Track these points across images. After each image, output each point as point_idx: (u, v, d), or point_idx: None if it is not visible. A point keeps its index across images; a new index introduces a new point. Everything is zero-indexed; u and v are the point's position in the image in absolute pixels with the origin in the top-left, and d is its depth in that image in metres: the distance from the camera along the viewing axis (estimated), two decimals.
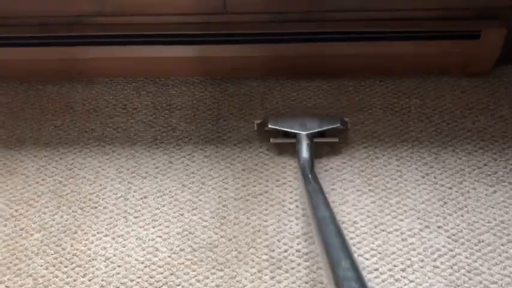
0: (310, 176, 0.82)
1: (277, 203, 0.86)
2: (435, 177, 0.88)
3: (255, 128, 0.94)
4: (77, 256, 0.81)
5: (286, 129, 0.92)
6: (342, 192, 0.87)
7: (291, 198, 0.87)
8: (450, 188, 0.87)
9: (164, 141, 0.95)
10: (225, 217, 0.85)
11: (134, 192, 0.88)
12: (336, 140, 0.92)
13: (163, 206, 0.86)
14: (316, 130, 0.91)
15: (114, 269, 0.79)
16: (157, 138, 0.96)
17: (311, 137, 0.90)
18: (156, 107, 1.01)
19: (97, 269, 0.79)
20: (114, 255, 0.81)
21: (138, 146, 0.95)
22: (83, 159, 0.93)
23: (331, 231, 0.67)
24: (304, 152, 0.88)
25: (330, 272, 0.59)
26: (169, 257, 0.80)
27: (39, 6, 0.94)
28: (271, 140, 0.92)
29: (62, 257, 0.81)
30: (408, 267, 0.78)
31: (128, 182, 0.90)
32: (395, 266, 0.78)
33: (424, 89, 1.01)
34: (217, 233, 0.83)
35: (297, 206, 0.85)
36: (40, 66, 1.02)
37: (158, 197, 0.88)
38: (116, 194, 0.88)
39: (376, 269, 0.78)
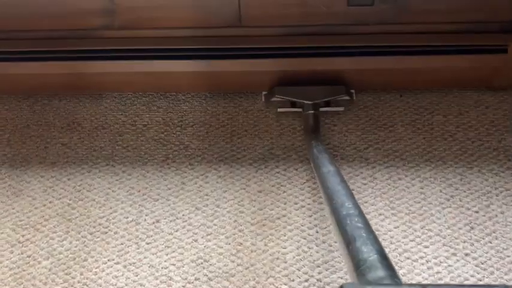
0: (316, 141, 0.85)
1: (295, 228, 0.82)
2: (460, 200, 0.84)
3: (263, 99, 0.96)
4: (87, 285, 0.77)
5: (292, 99, 0.94)
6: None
7: (310, 223, 0.83)
8: (477, 212, 0.83)
9: (176, 161, 0.92)
10: (241, 243, 0.81)
11: (146, 215, 0.85)
12: (341, 109, 0.95)
13: (177, 231, 0.83)
14: (322, 100, 0.93)
15: None
16: (169, 157, 0.92)
17: (317, 106, 0.92)
18: (167, 124, 0.97)
19: None
20: (126, 285, 0.77)
21: (149, 165, 0.91)
22: (92, 180, 0.89)
23: (335, 181, 0.71)
24: (310, 121, 0.91)
25: (335, 213, 0.63)
26: (183, 286, 0.77)
27: (46, 20, 0.90)
28: (278, 109, 0.95)
29: (72, 286, 0.77)
30: None
31: (139, 205, 0.86)
32: None
33: (446, 105, 0.97)
34: (233, 261, 0.79)
35: (317, 232, 0.81)
36: (46, 80, 0.98)
37: (171, 221, 0.84)
38: (127, 217, 0.84)
39: None
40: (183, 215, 0.85)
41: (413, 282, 0.75)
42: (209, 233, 0.82)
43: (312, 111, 0.91)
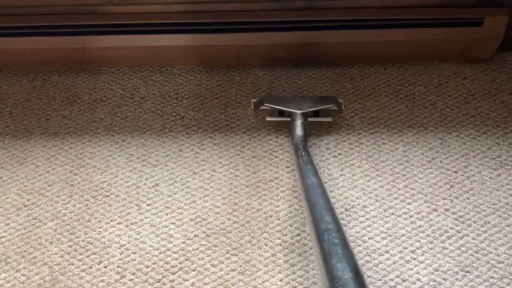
0: (302, 151, 0.85)
1: (287, 189, 0.87)
2: (441, 162, 0.90)
3: (252, 107, 0.97)
4: (92, 244, 0.81)
5: (281, 108, 0.94)
6: (351, 177, 0.89)
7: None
8: (456, 172, 0.89)
9: (173, 130, 0.96)
10: (237, 203, 0.86)
11: (146, 180, 0.89)
12: (330, 119, 0.95)
13: (176, 194, 0.87)
14: (311, 109, 0.93)
15: (129, 255, 0.80)
16: (166, 126, 0.97)
17: (305, 116, 0.92)
18: (164, 96, 1.01)
19: (112, 256, 0.80)
20: (129, 242, 0.81)
21: (148, 134, 0.96)
22: (93, 149, 0.93)
23: (317, 193, 0.71)
24: (298, 130, 0.90)
25: (314, 227, 0.64)
26: (183, 243, 0.81)
27: None
28: (267, 118, 0.95)
29: (77, 244, 0.81)
30: (418, 248, 0.80)
31: (139, 171, 0.90)
32: (405, 248, 0.80)
33: (427, 76, 1.03)
34: (229, 219, 0.84)
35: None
36: (47, 55, 1.02)
37: (170, 184, 0.88)
38: (128, 182, 0.89)
39: (387, 251, 0.80)
40: (181, 178, 0.89)
41: (397, 235, 0.81)
42: (206, 195, 0.87)
43: (300, 121, 0.91)
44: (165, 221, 0.84)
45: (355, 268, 0.56)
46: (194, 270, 0.78)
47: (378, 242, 0.81)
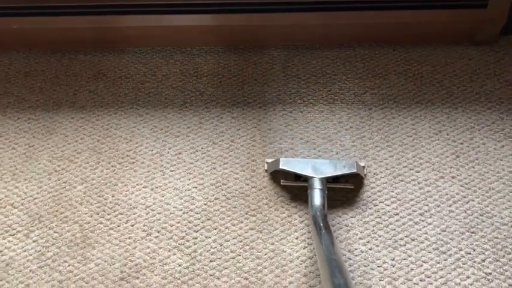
0: (322, 224, 0.77)
1: (302, 158, 0.93)
2: (447, 134, 0.95)
3: (265, 167, 0.90)
4: (119, 205, 0.87)
5: (298, 172, 0.85)
6: (362, 148, 0.94)
7: (314, 154, 0.93)
8: (462, 144, 0.94)
9: (194, 104, 1.02)
10: (254, 170, 0.91)
11: (169, 149, 0.95)
12: (351, 186, 0.86)
13: (197, 161, 0.93)
14: (330, 175, 0.84)
15: (155, 215, 0.85)
16: (187, 101, 1.02)
17: (324, 182, 0.83)
18: (184, 74, 1.07)
19: (139, 216, 0.85)
20: (154, 204, 0.87)
21: (170, 108, 1.01)
22: (118, 120, 0.99)
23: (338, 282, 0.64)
24: (316, 199, 0.81)
25: None
26: (205, 204, 0.87)
27: None
28: (282, 182, 0.87)
29: (105, 206, 0.87)
30: (426, 212, 0.85)
31: (163, 140, 0.96)
32: (414, 211, 0.85)
33: (434, 57, 1.08)
34: (248, 184, 0.89)
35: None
36: (73, 34, 1.08)
37: (191, 153, 0.94)
38: (152, 150, 0.94)
39: (397, 214, 0.85)
40: (202, 148, 0.95)
41: (406, 199, 0.86)
42: (226, 163, 0.92)
43: (319, 188, 0.82)
44: (188, 185, 0.89)
45: None
46: (215, 229, 0.83)
47: (388, 205, 0.86)
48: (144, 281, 0.78)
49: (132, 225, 0.84)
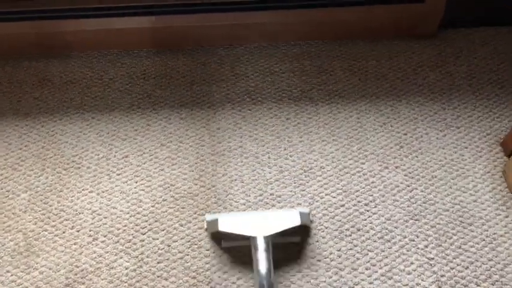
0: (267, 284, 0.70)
1: (250, 155, 0.93)
2: (392, 126, 0.98)
3: (205, 226, 0.80)
4: (64, 211, 0.85)
5: (239, 233, 0.76)
6: (309, 143, 0.95)
7: (263, 151, 0.94)
8: (405, 134, 0.96)
9: (141, 107, 1.01)
10: (203, 170, 0.91)
11: (115, 152, 0.93)
12: (297, 239, 0.79)
13: (144, 164, 0.92)
14: (275, 231, 0.76)
15: (101, 220, 0.84)
16: (135, 104, 1.01)
17: (269, 240, 0.75)
18: (132, 77, 1.06)
19: (84, 221, 0.84)
20: (100, 208, 0.86)
21: (117, 111, 1.00)
22: (64, 126, 0.97)
23: None
24: (262, 265, 0.73)
25: None
26: (152, 206, 0.86)
27: None
28: (223, 244, 0.79)
29: (50, 212, 0.85)
30: (371, 202, 0.87)
31: (109, 144, 0.95)
32: (359, 201, 0.87)
33: (378, 52, 1.11)
34: (196, 184, 0.89)
35: (269, 157, 0.93)
36: (15, 41, 1.05)
37: (139, 155, 0.93)
38: (98, 155, 0.93)
39: (343, 205, 0.86)
40: (149, 150, 0.94)
41: (352, 190, 0.88)
42: (174, 163, 0.92)
43: (263, 247, 0.74)
44: (135, 188, 0.88)
45: None
46: (163, 230, 0.83)
47: (334, 197, 0.87)
48: (90, 286, 0.77)
49: (78, 231, 0.83)
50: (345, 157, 0.93)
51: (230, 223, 0.77)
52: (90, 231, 0.83)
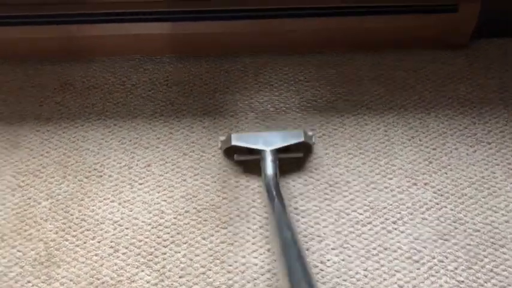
0: (274, 193, 0.82)
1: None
2: (420, 140, 0.95)
3: (219, 146, 0.92)
4: (85, 221, 0.84)
5: (250, 146, 0.89)
6: (335, 155, 0.92)
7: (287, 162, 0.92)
8: (434, 149, 0.93)
9: (164, 114, 0.99)
10: (225, 181, 0.89)
11: (138, 161, 0.92)
12: (300, 155, 0.91)
13: (167, 173, 0.90)
14: (281, 146, 0.89)
15: (123, 231, 0.83)
16: (157, 111, 1.00)
17: (275, 153, 0.88)
18: (154, 83, 1.05)
19: (106, 232, 0.83)
20: (122, 219, 0.84)
21: (139, 119, 0.99)
22: (86, 132, 0.96)
23: (293, 253, 0.69)
24: (269, 169, 0.86)
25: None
26: (174, 218, 0.84)
27: None
28: (235, 158, 0.90)
29: (71, 222, 0.84)
30: (399, 220, 0.84)
31: (131, 152, 0.93)
32: (386, 219, 0.84)
33: (407, 62, 1.07)
34: (219, 196, 0.87)
35: (293, 170, 0.91)
36: (39, 45, 1.05)
37: (161, 164, 0.92)
38: (120, 163, 0.92)
39: (370, 223, 0.84)
40: (172, 159, 0.92)
41: (379, 207, 0.85)
42: (196, 174, 0.90)
43: (270, 158, 0.87)
44: (157, 198, 0.87)
45: None
46: (185, 243, 0.81)
47: (361, 214, 0.85)
48: None
49: (99, 242, 0.82)
50: (372, 172, 0.90)
51: (242, 139, 0.90)
52: (111, 242, 0.81)
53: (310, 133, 0.92)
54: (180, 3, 1.01)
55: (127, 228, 0.83)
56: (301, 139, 0.90)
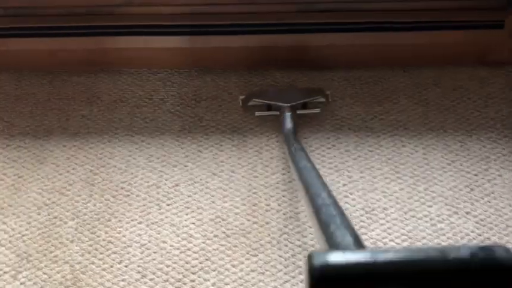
0: (293, 140, 0.86)
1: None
2: (461, 165, 0.90)
3: (240, 104, 0.98)
4: (112, 243, 0.82)
5: (269, 102, 0.96)
6: (371, 179, 0.88)
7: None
8: (476, 175, 0.88)
9: (192, 131, 0.96)
10: (256, 204, 0.86)
11: (166, 180, 0.89)
12: (317, 111, 0.97)
13: (195, 194, 0.87)
14: (299, 102, 0.95)
15: (150, 255, 0.80)
16: (185, 127, 0.97)
17: (294, 108, 0.94)
18: (182, 98, 1.02)
19: (133, 256, 0.80)
20: (149, 242, 0.82)
21: (167, 135, 0.96)
22: (113, 149, 0.94)
23: (311, 175, 0.72)
24: (287, 123, 0.91)
25: (310, 204, 0.64)
26: (203, 243, 0.81)
27: None
28: (256, 113, 0.96)
29: (97, 244, 0.82)
30: None
31: (159, 171, 0.91)
32: None
33: (445, 79, 1.03)
34: (249, 220, 0.84)
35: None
36: (66, 56, 1.03)
37: (189, 184, 0.89)
38: (148, 182, 0.89)
39: None
40: (200, 179, 0.89)
41: (418, 237, 0.81)
42: (225, 195, 0.87)
43: (289, 114, 0.93)
44: (185, 220, 0.84)
45: (354, 233, 0.54)
46: (214, 271, 0.78)
47: (399, 244, 0.81)
48: None
49: (126, 266, 0.79)
50: (410, 198, 0.86)
51: (261, 96, 0.97)
52: (138, 267, 0.79)
53: (327, 92, 0.99)
54: (209, 17, 0.98)
55: (155, 252, 0.80)
56: (319, 96, 0.96)
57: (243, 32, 0.99)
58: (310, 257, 0.33)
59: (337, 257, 0.33)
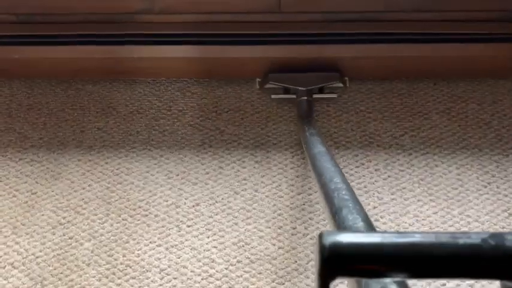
0: (308, 124, 0.86)
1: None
2: (498, 187, 0.85)
3: (257, 85, 0.98)
4: (131, 267, 0.78)
5: (286, 86, 0.96)
6: (403, 202, 0.84)
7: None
8: None
9: (213, 145, 0.92)
10: (281, 227, 0.81)
11: (185, 199, 0.85)
12: (334, 96, 0.96)
13: (217, 215, 0.83)
14: (315, 86, 0.95)
15: (170, 281, 0.76)
16: (206, 142, 0.93)
17: (310, 92, 0.94)
18: (203, 109, 0.97)
19: (152, 281, 0.76)
20: (169, 267, 0.78)
21: (186, 150, 0.91)
22: (130, 164, 0.90)
23: (325, 159, 0.72)
24: (303, 106, 0.92)
25: (324, 188, 0.63)
26: (226, 268, 0.77)
27: (85, 3, 0.90)
28: (272, 96, 0.96)
29: (115, 267, 0.78)
30: (476, 282, 0.75)
31: (179, 189, 0.86)
32: (463, 281, 0.75)
33: (480, 93, 0.97)
34: (274, 244, 0.80)
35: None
36: (83, 64, 0.98)
37: (210, 204, 0.84)
38: (167, 201, 0.85)
39: (444, 284, 0.75)
40: (222, 198, 0.85)
41: None
42: (249, 217, 0.83)
43: (305, 98, 0.93)
44: (207, 244, 0.80)
45: (366, 218, 0.54)
46: None
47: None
48: None
49: None
50: (445, 223, 0.81)
51: (279, 79, 0.96)
52: None
53: (345, 77, 0.97)
54: (231, 26, 0.92)
55: (175, 278, 0.76)
56: (336, 81, 0.96)
57: (265, 42, 0.94)
58: (320, 236, 0.32)
59: (347, 237, 0.32)
